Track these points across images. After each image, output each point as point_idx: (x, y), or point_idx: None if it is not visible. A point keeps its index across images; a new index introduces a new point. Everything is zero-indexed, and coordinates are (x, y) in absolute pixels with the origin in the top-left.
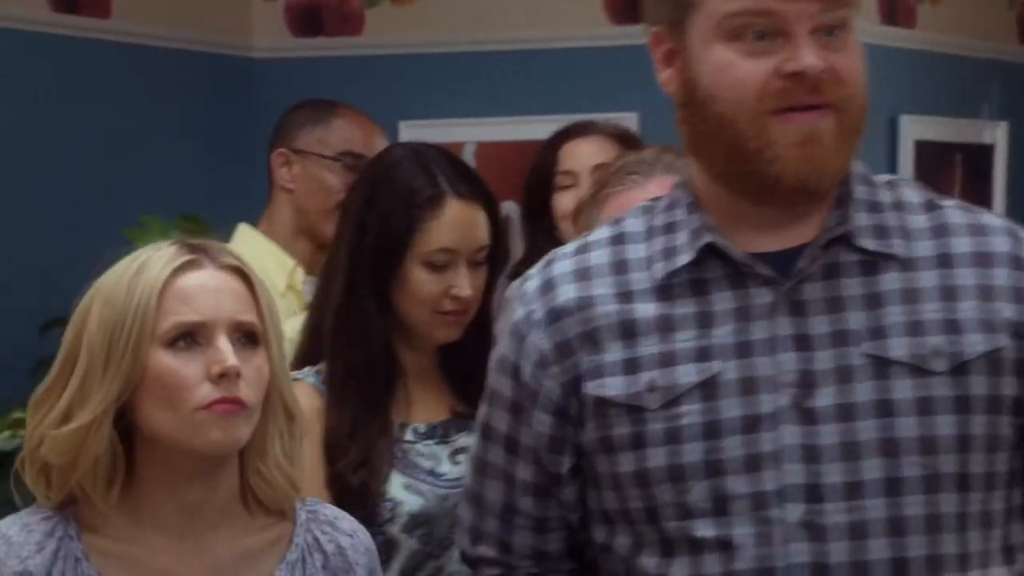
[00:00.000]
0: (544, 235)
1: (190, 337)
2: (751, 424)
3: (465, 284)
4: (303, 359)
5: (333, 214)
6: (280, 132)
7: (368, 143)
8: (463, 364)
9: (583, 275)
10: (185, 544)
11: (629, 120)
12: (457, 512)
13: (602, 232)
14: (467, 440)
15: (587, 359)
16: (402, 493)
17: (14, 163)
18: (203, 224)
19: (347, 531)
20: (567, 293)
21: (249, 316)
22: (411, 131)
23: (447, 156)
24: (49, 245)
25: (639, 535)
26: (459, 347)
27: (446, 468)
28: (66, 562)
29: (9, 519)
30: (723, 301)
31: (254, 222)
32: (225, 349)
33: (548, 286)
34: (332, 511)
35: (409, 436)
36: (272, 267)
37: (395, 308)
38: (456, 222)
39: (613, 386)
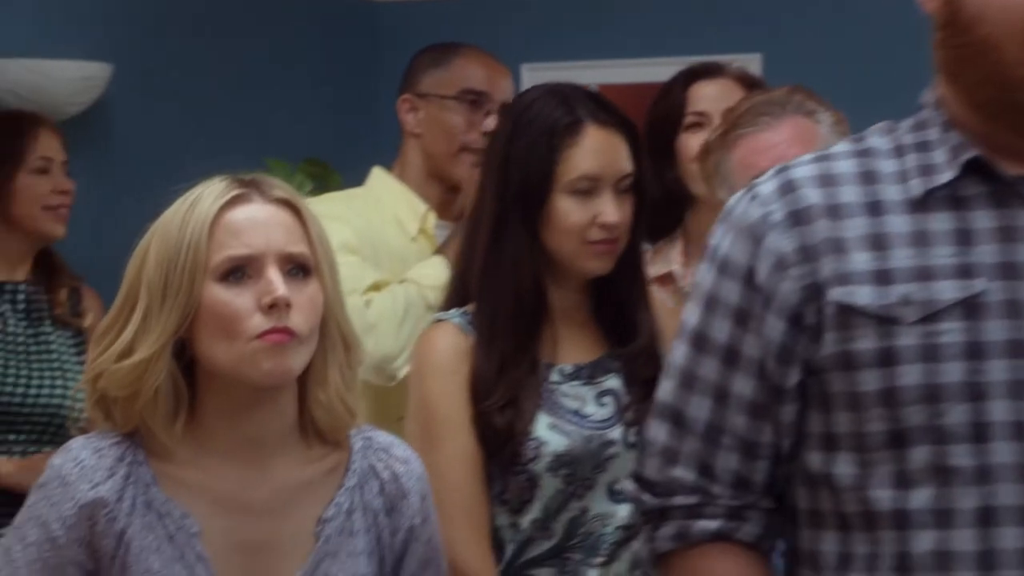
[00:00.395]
0: (666, 176)
1: (241, 270)
2: (1016, 349)
3: (611, 210)
4: (449, 308)
5: (460, 155)
6: (405, 78)
7: (492, 81)
8: (616, 299)
9: (828, 181)
10: (249, 471)
11: (752, 61)
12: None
13: (843, 146)
14: (614, 383)
15: (832, 265)
16: (547, 433)
17: (134, 110)
18: (328, 168)
19: (401, 458)
20: (810, 197)
21: (299, 247)
22: (532, 74)
23: (584, 89)
24: (174, 190)
25: (870, 463)
26: (611, 282)
27: (591, 409)
28: (136, 487)
29: (81, 441)
30: (984, 220)
31: (382, 165)
32: (275, 280)
33: (788, 187)
34: (386, 438)
35: (555, 377)
36: (405, 211)
37: (544, 244)
38: (597, 147)
39: (863, 295)
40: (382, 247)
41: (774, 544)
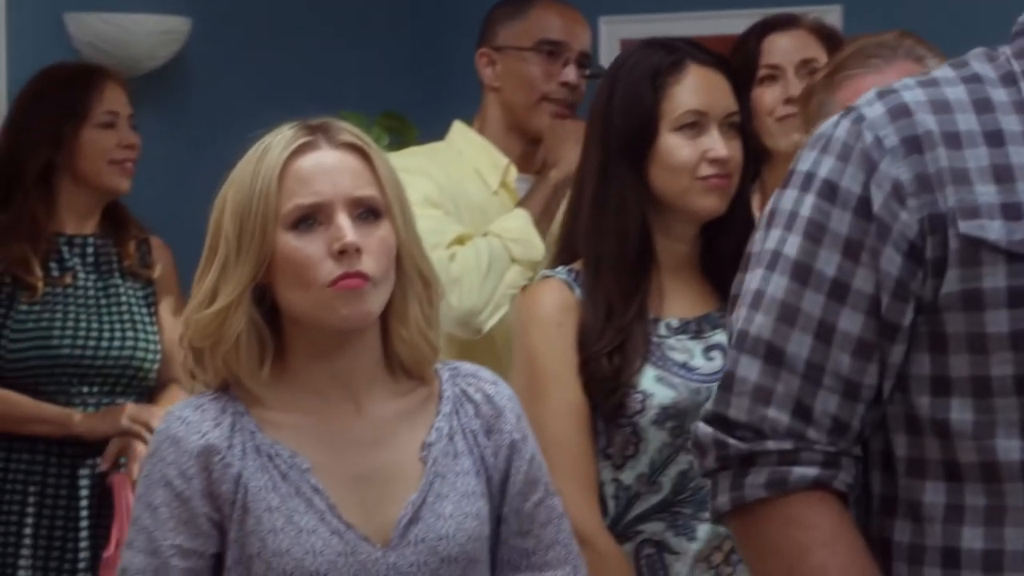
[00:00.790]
0: None
1: (311, 218)
2: None
3: (720, 146)
4: (555, 266)
5: (539, 105)
6: (483, 32)
7: (568, 30)
8: (731, 245)
9: (942, 107)
10: (345, 409)
11: (833, 13)
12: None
13: (945, 71)
14: (722, 337)
15: (955, 196)
16: (653, 385)
17: (213, 64)
18: (405, 122)
19: (490, 380)
20: (927, 123)
21: (368, 190)
22: (610, 27)
23: (679, 38)
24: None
25: (993, 409)
26: (725, 228)
27: (699, 362)
28: (243, 434)
29: (180, 404)
30: None
31: (459, 118)
32: (344, 226)
33: (901, 112)
34: (471, 366)
35: (661, 331)
36: (485, 165)
37: (654, 188)
38: (700, 84)
39: (993, 229)
40: (463, 201)
41: (857, 493)
